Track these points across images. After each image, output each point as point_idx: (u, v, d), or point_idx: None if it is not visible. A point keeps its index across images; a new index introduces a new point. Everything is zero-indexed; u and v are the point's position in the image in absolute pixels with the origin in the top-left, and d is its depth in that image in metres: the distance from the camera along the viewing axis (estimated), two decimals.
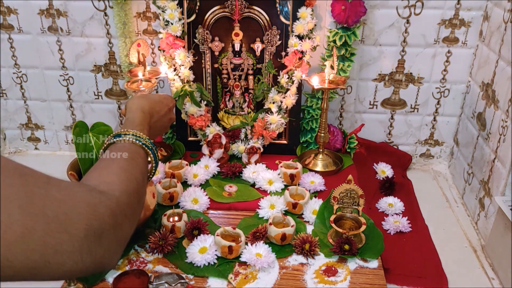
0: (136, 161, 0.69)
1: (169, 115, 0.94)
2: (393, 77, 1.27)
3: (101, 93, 1.35)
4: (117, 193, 0.56)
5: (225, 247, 0.89)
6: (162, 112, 0.90)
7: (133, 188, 0.61)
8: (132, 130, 0.75)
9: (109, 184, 0.58)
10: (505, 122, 0.98)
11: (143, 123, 0.80)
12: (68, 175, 0.89)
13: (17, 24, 1.26)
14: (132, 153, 0.70)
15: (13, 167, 0.42)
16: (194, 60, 1.22)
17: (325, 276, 0.88)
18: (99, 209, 0.49)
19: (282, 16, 1.17)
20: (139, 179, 0.65)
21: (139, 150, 0.73)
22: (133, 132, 0.74)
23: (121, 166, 0.65)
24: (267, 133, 1.23)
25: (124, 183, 0.60)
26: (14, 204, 0.38)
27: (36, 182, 0.43)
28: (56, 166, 1.31)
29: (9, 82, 1.34)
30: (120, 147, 0.71)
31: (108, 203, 0.52)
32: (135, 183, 0.63)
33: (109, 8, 1.22)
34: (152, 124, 0.85)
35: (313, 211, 1.03)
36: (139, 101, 0.86)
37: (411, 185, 1.24)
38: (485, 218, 1.04)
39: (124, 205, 0.56)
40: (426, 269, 0.94)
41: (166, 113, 0.92)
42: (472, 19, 1.18)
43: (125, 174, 0.63)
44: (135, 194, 0.61)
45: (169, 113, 0.94)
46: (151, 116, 0.85)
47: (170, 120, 0.95)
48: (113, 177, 0.61)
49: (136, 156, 0.71)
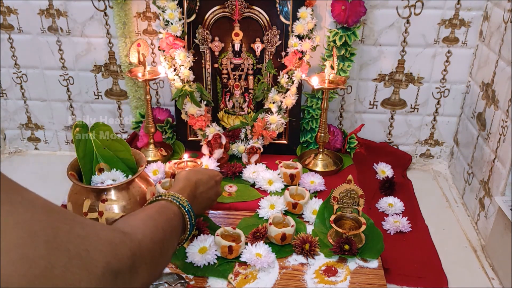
0: (166, 215, 0.70)
1: (216, 188, 0.95)
2: (393, 77, 1.27)
3: (101, 93, 1.35)
4: (140, 236, 0.56)
5: (225, 247, 0.89)
6: (208, 184, 0.92)
7: (158, 236, 0.61)
8: (175, 193, 0.78)
9: (133, 227, 0.58)
10: (505, 122, 0.98)
11: (185, 189, 0.82)
12: (68, 175, 0.89)
13: (17, 24, 1.26)
14: (166, 209, 0.72)
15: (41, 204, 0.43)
16: (194, 60, 1.22)
17: (325, 276, 0.88)
18: (120, 248, 0.49)
19: (282, 16, 1.17)
20: (166, 230, 0.65)
21: (174, 208, 0.74)
22: (173, 194, 0.77)
23: (149, 215, 0.66)
24: (267, 133, 1.22)
25: (149, 229, 0.60)
26: (41, 239, 0.39)
27: (62, 218, 0.43)
28: (56, 166, 1.32)
29: (9, 82, 1.34)
30: (157, 204, 0.73)
31: (129, 243, 0.51)
32: (161, 232, 0.63)
33: (109, 8, 1.22)
34: (197, 195, 0.87)
35: (313, 211, 1.03)
36: (186, 173, 0.90)
37: (411, 185, 1.24)
38: (485, 218, 1.04)
39: (145, 250, 0.55)
40: (426, 269, 0.94)
41: (213, 186, 0.93)
42: (472, 19, 1.18)
43: (152, 222, 0.63)
44: (159, 243, 0.60)
45: (215, 186, 0.94)
46: (196, 186, 0.87)
47: (217, 193, 0.96)
48: (139, 222, 0.62)
49: (167, 211, 0.72)
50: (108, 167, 0.94)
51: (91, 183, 0.91)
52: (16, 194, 0.40)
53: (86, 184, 0.90)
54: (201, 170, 0.95)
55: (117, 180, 0.91)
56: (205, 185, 0.90)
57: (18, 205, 0.40)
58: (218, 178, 0.96)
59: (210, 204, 0.96)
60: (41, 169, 1.34)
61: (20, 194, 0.41)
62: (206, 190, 0.91)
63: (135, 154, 0.97)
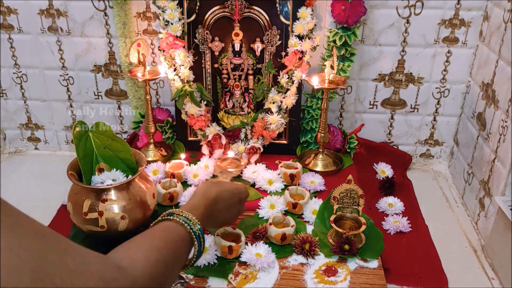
0: (175, 245, 0.65)
1: (238, 206, 0.88)
2: (393, 77, 1.27)
3: (101, 93, 1.35)
4: (138, 273, 0.52)
5: (225, 247, 0.89)
6: (230, 201, 0.85)
7: (158, 271, 0.57)
8: (187, 212, 0.71)
9: (132, 260, 0.54)
10: (505, 122, 0.98)
11: (200, 207, 0.76)
12: (68, 175, 0.89)
13: (17, 24, 1.26)
14: (174, 234, 0.66)
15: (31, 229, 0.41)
16: (194, 60, 1.22)
17: (325, 276, 0.88)
18: (110, 286, 0.46)
19: (282, 16, 1.17)
20: (169, 263, 0.60)
21: (184, 234, 0.68)
22: (186, 215, 0.70)
23: (155, 245, 0.60)
24: (267, 133, 1.22)
25: (150, 264, 0.55)
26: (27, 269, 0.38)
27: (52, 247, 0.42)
28: (56, 166, 1.32)
29: (9, 82, 1.34)
30: (166, 225, 0.68)
31: (122, 281, 0.48)
32: (163, 267, 0.58)
33: (109, 8, 1.22)
34: (214, 212, 0.80)
35: (313, 211, 1.03)
36: (207, 185, 0.84)
37: (411, 185, 1.24)
38: (485, 218, 1.04)
39: None
40: (426, 269, 0.94)
41: (235, 204, 0.86)
42: (472, 19, 1.18)
43: (155, 255, 0.58)
44: (159, 278, 0.56)
45: (238, 204, 0.87)
46: (215, 203, 0.80)
47: (239, 212, 0.89)
48: (140, 254, 0.56)
49: (177, 239, 0.66)
50: (108, 167, 0.94)
51: (91, 183, 0.91)
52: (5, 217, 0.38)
53: (86, 184, 0.90)
54: (225, 184, 0.87)
55: (117, 180, 0.91)
56: (226, 201, 0.83)
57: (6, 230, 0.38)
58: (243, 196, 0.88)
59: (229, 222, 0.90)
60: (41, 169, 1.34)
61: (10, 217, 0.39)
62: (226, 208, 0.83)
63: (135, 154, 0.97)
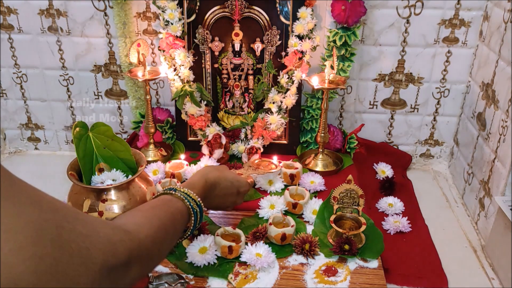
0: (174, 217, 0.70)
1: (234, 197, 0.91)
2: (393, 77, 1.27)
3: (101, 93, 1.35)
4: (142, 236, 0.57)
5: (225, 247, 0.89)
6: (227, 191, 0.88)
7: (159, 238, 0.62)
8: (187, 189, 0.76)
9: (137, 225, 0.59)
10: (505, 122, 0.98)
11: (197, 187, 0.80)
12: (68, 175, 0.89)
13: (17, 24, 1.26)
14: (174, 208, 0.72)
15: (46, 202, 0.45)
16: (194, 60, 1.22)
17: (325, 276, 0.88)
18: (118, 247, 0.51)
19: (282, 16, 1.17)
20: (169, 232, 0.66)
21: (183, 209, 0.73)
22: (186, 191, 0.76)
23: (157, 214, 0.66)
24: (267, 133, 1.22)
25: (153, 229, 0.61)
26: (47, 238, 0.42)
27: (65, 216, 0.46)
28: (56, 166, 1.32)
29: (9, 82, 1.34)
30: (167, 200, 0.73)
31: (128, 243, 0.53)
32: (163, 233, 0.63)
33: (109, 8, 1.22)
34: (210, 195, 0.84)
35: (313, 211, 1.03)
36: (209, 169, 0.87)
37: (411, 185, 1.24)
38: (485, 218, 1.04)
39: (143, 250, 0.56)
40: (426, 269, 0.94)
41: (232, 195, 0.90)
42: (472, 19, 1.18)
43: (157, 222, 0.63)
44: (159, 244, 0.62)
45: (235, 196, 0.91)
46: (212, 187, 0.84)
47: (234, 203, 0.92)
48: (144, 220, 0.62)
49: (176, 212, 0.71)
50: (108, 167, 0.94)
51: (91, 183, 0.91)
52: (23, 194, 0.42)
53: (86, 184, 0.90)
54: (228, 173, 0.90)
55: (117, 180, 0.91)
56: (223, 190, 0.87)
57: (26, 206, 0.42)
58: (242, 190, 0.91)
59: (223, 209, 0.93)
60: (41, 169, 1.34)
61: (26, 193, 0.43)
62: (222, 195, 0.87)
63: (135, 154, 0.97)
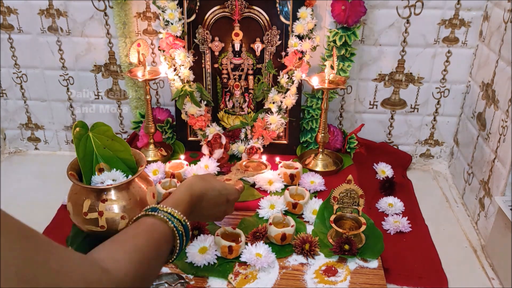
0: (158, 244, 0.63)
1: (224, 207, 0.85)
2: (393, 77, 1.27)
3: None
4: (121, 274, 0.52)
5: (225, 247, 0.89)
6: (216, 201, 0.82)
7: (142, 273, 0.56)
8: (171, 208, 0.69)
9: (116, 261, 0.54)
10: (505, 122, 0.98)
11: (183, 203, 0.74)
12: (68, 175, 0.89)
13: (17, 24, 1.26)
14: (157, 233, 0.64)
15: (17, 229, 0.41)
16: (194, 60, 1.22)
17: (325, 276, 0.88)
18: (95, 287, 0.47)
19: (282, 16, 1.17)
20: (152, 264, 0.60)
21: (167, 232, 0.66)
22: (169, 210, 0.68)
23: (137, 246, 0.59)
24: (267, 133, 1.22)
25: (134, 266, 0.55)
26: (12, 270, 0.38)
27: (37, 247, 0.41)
28: (56, 166, 1.32)
29: (9, 82, 1.34)
30: (149, 224, 0.65)
31: (106, 283, 0.49)
32: (146, 267, 0.58)
33: (109, 8, 1.22)
34: (198, 208, 0.78)
35: (313, 211, 1.03)
36: (193, 180, 0.81)
37: (411, 185, 1.24)
38: (485, 218, 1.04)
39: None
40: (426, 269, 0.94)
41: (221, 204, 0.84)
42: (472, 19, 1.18)
43: (138, 256, 0.57)
44: (141, 280, 0.56)
45: (225, 205, 0.84)
46: (199, 200, 0.78)
47: (224, 213, 0.86)
48: (123, 255, 0.56)
49: (160, 238, 0.64)
50: (108, 167, 0.94)
51: (91, 183, 0.91)
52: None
53: (86, 184, 0.90)
54: (214, 182, 0.84)
55: (117, 180, 0.91)
56: (211, 200, 0.81)
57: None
58: (232, 198, 0.86)
59: (214, 220, 0.89)
60: (41, 169, 1.34)
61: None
62: (210, 207, 0.82)
63: (135, 154, 0.97)
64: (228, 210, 0.87)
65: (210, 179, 0.85)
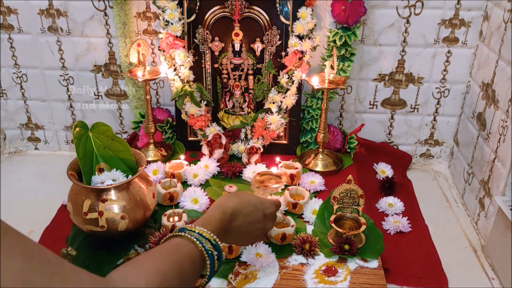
0: (181, 264, 0.58)
1: (262, 223, 0.78)
2: (393, 77, 1.27)
3: (101, 93, 1.35)
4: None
5: (225, 247, 0.89)
6: (252, 217, 0.76)
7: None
8: (200, 228, 0.64)
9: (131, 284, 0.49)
10: (505, 122, 0.98)
11: (215, 221, 0.68)
12: (68, 175, 0.89)
13: (17, 24, 1.26)
14: (181, 253, 0.59)
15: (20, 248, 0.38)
16: (194, 60, 1.22)
17: (325, 276, 0.88)
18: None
19: (282, 16, 1.17)
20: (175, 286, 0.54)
21: (194, 252, 0.60)
22: (199, 231, 0.63)
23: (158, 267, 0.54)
24: (267, 133, 1.22)
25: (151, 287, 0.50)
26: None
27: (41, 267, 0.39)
28: (56, 166, 1.32)
29: (9, 82, 1.34)
30: (174, 245, 0.60)
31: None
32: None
33: (109, 8, 1.22)
34: (232, 228, 0.72)
35: (313, 211, 1.03)
36: (226, 198, 0.75)
37: (411, 185, 1.24)
38: (485, 218, 1.04)
39: None
40: (426, 269, 0.94)
41: (258, 220, 0.77)
42: (472, 19, 1.18)
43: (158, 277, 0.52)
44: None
45: (263, 221, 0.78)
46: (233, 218, 0.72)
47: (264, 229, 0.79)
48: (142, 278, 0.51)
49: (185, 258, 0.59)
50: (108, 167, 0.94)
51: (91, 183, 0.91)
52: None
53: (86, 184, 0.90)
54: (247, 196, 0.78)
55: (117, 180, 0.91)
56: (247, 217, 0.75)
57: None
58: (269, 212, 0.79)
59: (253, 240, 0.81)
60: (41, 169, 1.34)
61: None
62: (247, 224, 0.75)
63: (135, 154, 0.97)
64: (268, 226, 0.80)
65: (243, 195, 0.79)
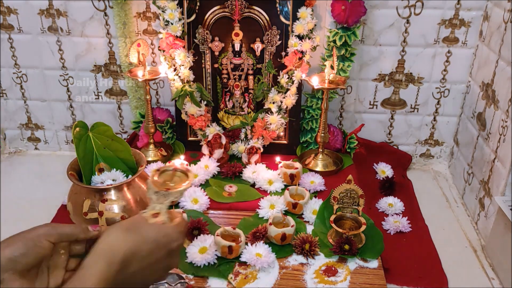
0: None
1: (168, 260, 0.58)
2: (393, 77, 1.27)
3: (101, 93, 1.35)
4: None
5: (225, 247, 0.89)
6: (152, 257, 0.56)
7: None
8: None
9: None
10: (505, 122, 0.98)
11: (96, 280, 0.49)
12: (68, 175, 0.89)
13: (17, 24, 1.26)
14: None
15: None
16: (194, 60, 1.22)
17: (325, 276, 0.88)
18: None
19: (282, 16, 1.17)
20: None
21: None
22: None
23: None
24: (267, 133, 1.22)
25: None
26: None
27: None
28: (56, 166, 1.32)
29: (9, 82, 1.34)
30: None
31: None
32: None
33: (109, 8, 1.22)
34: (124, 277, 0.53)
35: (313, 211, 1.03)
36: (115, 237, 0.54)
37: (411, 185, 1.24)
38: (485, 218, 1.04)
39: None
40: (426, 269, 0.94)
41: (161, 259, 0.57)
42: (472, 19, 1.18)
43: None
44: None
45: (168, 257, 0.58)
46: (124, 266, 0.52)
47: (168, 268, 0.60)
48: None
49: None
50: (108, 167, 0.94)
51: (91, 183, 0.91)
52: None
53: (86, 184, 0.90)
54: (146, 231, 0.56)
55: (117, 180, 0.91)
56: (145, 259, 0.55)
57: None
58: (175, 245, 0.58)
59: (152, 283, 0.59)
60: (41, 169, 1.34)
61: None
62: (145, 267, 0.55)
63: (135, 154, 0.97)
64: (173, 263, 0.60)
65: (140, 227, 0.57)
